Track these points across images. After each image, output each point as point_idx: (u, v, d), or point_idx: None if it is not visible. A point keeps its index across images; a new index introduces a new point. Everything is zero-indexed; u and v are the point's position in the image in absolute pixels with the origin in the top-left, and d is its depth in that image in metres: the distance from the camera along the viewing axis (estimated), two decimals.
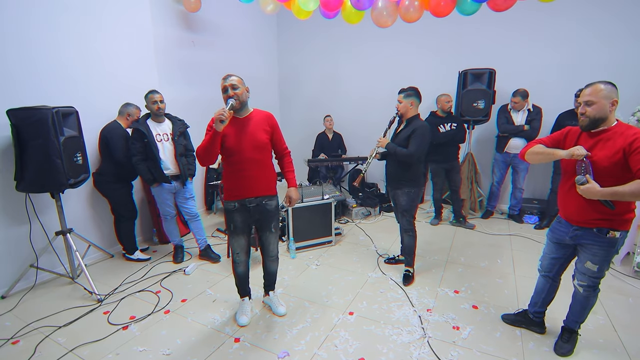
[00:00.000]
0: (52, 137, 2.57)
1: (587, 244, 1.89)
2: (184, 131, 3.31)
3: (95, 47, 3.32)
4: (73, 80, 3.18)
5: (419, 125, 2.76)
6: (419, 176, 2.88)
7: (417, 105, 2.82)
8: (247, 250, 2.39)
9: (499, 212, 4.71)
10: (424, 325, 2.38)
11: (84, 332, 2.36)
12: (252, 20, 5.55)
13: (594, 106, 1.74)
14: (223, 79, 2.13)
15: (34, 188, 2.68)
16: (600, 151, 1.75)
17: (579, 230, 1.90)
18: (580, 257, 1.97)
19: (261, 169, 2.23)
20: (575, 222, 1.90)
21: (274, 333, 2.33)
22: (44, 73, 2.97)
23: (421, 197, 3.00)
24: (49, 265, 3.03)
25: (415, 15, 3.38)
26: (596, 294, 2.00)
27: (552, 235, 2.09)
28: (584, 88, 1.80)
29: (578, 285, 2.01)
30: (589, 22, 4.06)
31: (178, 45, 4.34)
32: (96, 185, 3.30)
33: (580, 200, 1.80)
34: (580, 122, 1.82)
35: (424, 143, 2.75)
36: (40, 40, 2.94)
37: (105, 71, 3.42)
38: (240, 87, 2.12)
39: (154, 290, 2.88)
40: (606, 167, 1.71)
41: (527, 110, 4.10)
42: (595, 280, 1.94)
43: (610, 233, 1.80)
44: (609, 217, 1.78)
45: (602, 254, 1.86)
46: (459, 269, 3.20)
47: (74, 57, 3.17)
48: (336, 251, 3.63)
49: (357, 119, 5.68)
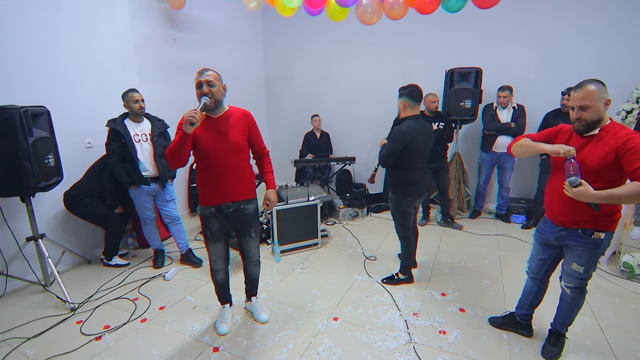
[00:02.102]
0: (20, 138, 2.43)
1: (572, 245, 1.85)
2: (163, 131, 3.20)
3: (71, 44, 3.19)
4: (48, 78, 3.04)
5: (395, 129, 2.58)
6: (405, 184, 2.65)
7: (410, 105, 2.56)
8: (226, 258, 2.28)
9: (487, 212, 4.70)
10: (410, 330, 2.31)
11: (55, 343, 2.24)
12: (236, 17, 5.43)
13: (590, 110, 1.66)
14: (199, 73, 1.97)
15: (1, 192, 2.54)
16: (591, 151, 1.69)
17: (563, 231, 1.86)
18: (566, 259, 1.93)
19: (238, 171, 2.10)
20: (559, 222, 1.86)
21: (255, 341, 2.24)
22: (14, 71, 2.83)
23: (413, 207, 2.77)
24: (20, 272, 2.88)
25: (401, 12, 3.32)
26: (583, 295, 1.96)
27: (538, 236, 2.05)
28: (573, 89, 1.72)
29: (565, 287, 1.97)
30: (574, 21, 4.06)
31: (159, 43, 4.21)
32: (68, 204, 3.13)
33: (565, 200, 1.74)
34: (575, 127, 1.75)
35: (392, 148, 2.53)
36: (11, 36, 2.80)
37: (82, 70, 3.28)
38: (216, 84, 1.97)
39: (131, 298, 2.76)
40: (595, 168, 1.65)
41: (512, 108, 4.09)
42: (582, 281, 1.90)
43: (595, 234, 1.76)
44: (594, 218, 1.73)
45: (587, 256, 1.82)
46: (447, 270, 3.15)
47: (49, 55, 3.04)
48: (322, 254, 3.55)
49: (346, 117, 5.62)
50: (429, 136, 2.68)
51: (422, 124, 2.62)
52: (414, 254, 2.98)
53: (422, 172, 2.71)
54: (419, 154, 2.61)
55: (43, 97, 2.90)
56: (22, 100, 2.68)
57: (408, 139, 2.50)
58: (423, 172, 2.72)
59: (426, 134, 2.63)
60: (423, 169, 2.71)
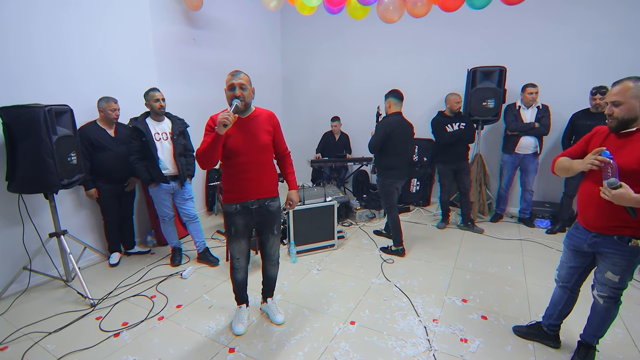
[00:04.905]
0: (44, 136, 2.48)
1: (607, 253, 1.74)
2: (183, 130, 3.22)
3: (94, 44, 3.24)
4: (71, 78, 3.10)
5: (380, 122, 3.30)
6: (387, 168, 3.28)
7: (394, 103, 3.20)
8: (247, 256, 2.28)
9: (509, 216, 4.55)
10: (429, 336, 2.24)
11: (74, 339, 2.27)
12: (255, 16, 5.44)
13: (622, 107, 1.60)
14: (231, 75, 1.99)
15: (26, 189, 2.60)
16: (630, 153, 1.60)
17: (597, 237, 1.75)
18: (599, 267, 1.82)
19: (264, 170, 2.12)
20: (594, 228, 1.76)
21: (271, 343, 2.21)
22: (43, 70, 2.91)
23: (395, 188, 3.34)
24: (43, 267, 2.95)
25: (424, 10, 3.24)
26: (617, 306, 1.85)
27: (569, 242, 1.94)
28: (613, 86, 1.64)
29: (598, 296, 1.86)
30: (609, 16, 3.87)
31: (179, 43, 4.25)
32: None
33: (601, 204, 1.65)
34: (609, 124, 1.67)
35: (377, 136, 3.19)
36: (40, 37, 2.87)
37: (103, 69, 3.34)
38: (248, 87, 2.01)
39: (149, 295, 2.79)
40: (635, 171, 1.56)
41: (537, 107, 3.94)
42: (617, 291, 1.80)
43: (632, 241, 1.65)
44: (631, 224, 1.63)
45: (623, 264, 1.71)
46: (467, 275, 3.05)
47: (72, 55, 3.10)
48: (339, 255, 3.50)
49: (364, 117, 5.52)
50: (407, 130, 3.30)
51: (402, 119, 3.25)
52: (399, 229, 3.45)
53: (401, 160, 3.31)
54: (399, 142, 3.23)
55: (63, 96, 2.95)
56: (44, 99, 2.73)
57: (389, 129, 3.15)
58: (402, 160, 3.32)
59: (404, 127, 3.26)
60: (401, 158, 3.31)
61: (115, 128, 3.22)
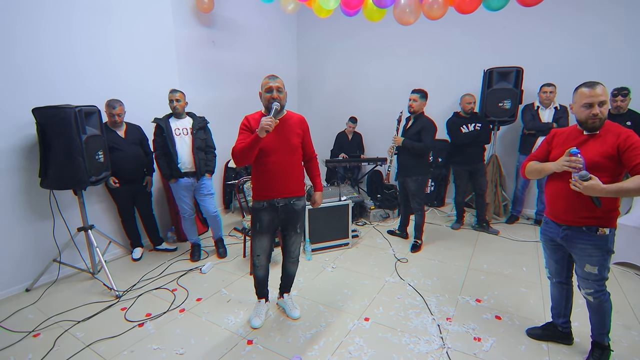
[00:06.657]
0: (75, 135, 2.62)
1: (580, 246, 1.83)
2: (204, 126, 3.32)
3: (117, 47, 3.39)
4: (96, 80, 3.26)
5: (426, 121, 3.37)
6: (427, 166, 3.55)
7: (424, 104, 3.43)
8: (269, 254, 2.36)
9: (525, 218, 4.51)
10: (442, 334, 2.27)
11: (101, 328, 2.40)
12: (272, 19, 5.54)
13: (605, 106, 1.75)
14: (268, 78, 2.10)
15: (57, 185, 2.75)
16: (594, 147, 1.74)
17: (568, 230, 1.85)
18: (577, 262, 1.91)
19: (293, 170, 2.22)
20: (563, 220, 1.87)
21: (287, 337, 2.29)
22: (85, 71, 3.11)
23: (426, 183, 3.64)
24: (71, 260, 3.10)
25: (440, 12, 3.26)
26: (607, 298, 1.92)
27: (544, 237, 2.06)
28: (587, 85, 1.77)
29: (587, 295, 1.93)
30: (623, 18, 3.81)
31: (199, 45, 4.37)
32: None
33: (569, 198, 1.78)
34: (593, 124, 1.75)
35: (434, 136, 3.39)
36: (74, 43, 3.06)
37: (127, 71, 3.48)
38: (283, 91, 2.12)
39: (170, 288, 2.90)
40: (599, 163, 1.70)
41: (555, 108, 3.90)
42: (600, 283, 1.87)
43: (600, 230, 1.77)
44: (596, 215, 1.76)
45: (598, 254, 1.80)
46: (482, 276, 3.06)
47: (98, 58, 3.25)
48: (353, 254, 3.55)
49: (378, 118, 5.56)
50: None
51: None
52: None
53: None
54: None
55: (91, 97, 3.10)
56: (72, 99, 2.88)
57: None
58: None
59: None
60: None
61: (125, 129, 3.30)
